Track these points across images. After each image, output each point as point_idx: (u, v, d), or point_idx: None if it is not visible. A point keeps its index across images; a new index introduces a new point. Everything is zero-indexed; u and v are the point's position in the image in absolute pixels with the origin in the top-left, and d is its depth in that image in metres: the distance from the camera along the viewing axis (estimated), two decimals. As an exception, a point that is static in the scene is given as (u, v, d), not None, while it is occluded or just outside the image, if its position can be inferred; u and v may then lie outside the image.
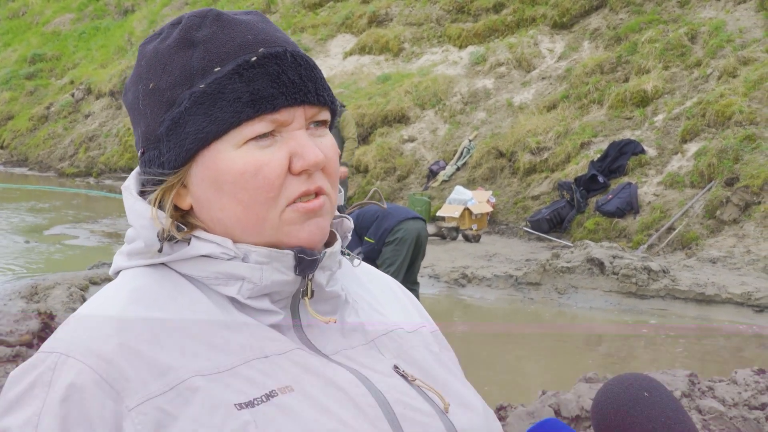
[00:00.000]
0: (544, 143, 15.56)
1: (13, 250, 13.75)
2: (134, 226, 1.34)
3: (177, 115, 1.28)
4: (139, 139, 1.35)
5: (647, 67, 15.78)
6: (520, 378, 7.79)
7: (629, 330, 9.17)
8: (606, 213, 13.36)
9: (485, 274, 11.13)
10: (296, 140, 1.29)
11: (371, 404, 1.27)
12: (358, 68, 21.09)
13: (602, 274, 10.30)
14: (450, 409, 1.36)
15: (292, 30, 23.83)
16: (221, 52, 1.29)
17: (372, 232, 9.09)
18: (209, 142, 1.28)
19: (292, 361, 1.28)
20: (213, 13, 1.34)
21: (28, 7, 37.31)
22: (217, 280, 1.31)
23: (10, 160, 27.38)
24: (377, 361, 1.37)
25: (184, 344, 1.24)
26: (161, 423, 1.17)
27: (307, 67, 1.33)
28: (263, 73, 1.28)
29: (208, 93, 1.27)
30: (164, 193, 1.32)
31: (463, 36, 20.05)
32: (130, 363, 1.20)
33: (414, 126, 18.27)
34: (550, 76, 17.65)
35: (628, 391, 1.45)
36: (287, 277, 1.30)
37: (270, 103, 1.27)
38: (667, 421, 1.42)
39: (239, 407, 1.19)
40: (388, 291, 1.56)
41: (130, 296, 1.29)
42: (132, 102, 1.36)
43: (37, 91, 29.98)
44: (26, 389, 1.20)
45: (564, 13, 18.63)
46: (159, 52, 1.33)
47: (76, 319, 1.28)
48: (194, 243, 1.31)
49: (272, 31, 1.34)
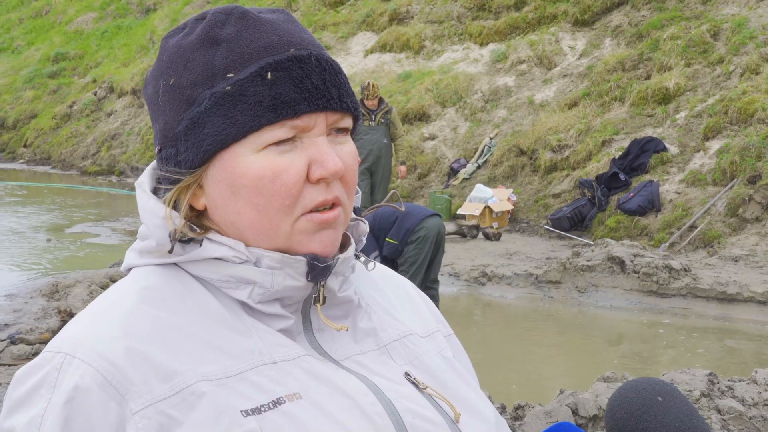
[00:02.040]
0: (565, 141, 15.49)
1: (34, 248, 13.82)
2: (146, 225, 1.32)
3: (196, 114, 1.26)
4: (157, 135, 1.33)
5: (669, 64, 15.68)
6: (540, 376, 7.75)
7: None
8: (627, 211, 13.29)
9: (505, 272, 11.10)
10: (316, 147, 1.27)
11: (380, 413, 1.25)
12: (379, 66, 21.06)
13: (623, 273, 10.24)
14: (461, 418, 1.34)
15: (313, 28, 23.84)
16: (245, 52, 1.26)
17: (393, 233, 9.11)
18: (228, 145, 1.25)
19: (301, 368, 1.26)
20: (238, 10, 1.31)
21: (51, 6, 37.53)
22: (228, 284, 1.29)
23: (33, 158, 27.53)
24: (388, 367, 1.35)
25: (192, 347, 1.23)
26: (165, 427, 1.16)
27: (331, 72, 1.30)
28: (286, 77, 1.26)
29: (229, 94, 1.25)
30: (180, 192, 1.30)
31: (484, 33, 20.00)
32: (136, 366, 1.18)
33: (435, 124, 18.23)
34: (571, 74, 17.57)
35: (641, 396, 1.44)
36: (299, 283, 1.29)
37: (292, 108, 1.25)
38: (681, 426, 1.41)
39: (245, 414, 1.18)
40: (403, 294, 1.54)
41: (139, 296, 1.27)
42: (151, 96, 1.34)
43: (60, 90, 30.15)
44: (32, 389, 1.20)
45: (585, 10, 18.55)
46: (181, 48, 1.30)
47: (84, 318, 1.27)
48: (206, 245, 1.29)
49: (298, 33, 1.32)
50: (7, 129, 29.89)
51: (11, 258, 12.95)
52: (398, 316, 1.46)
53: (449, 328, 1.58)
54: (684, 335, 8.98)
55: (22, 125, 29.36)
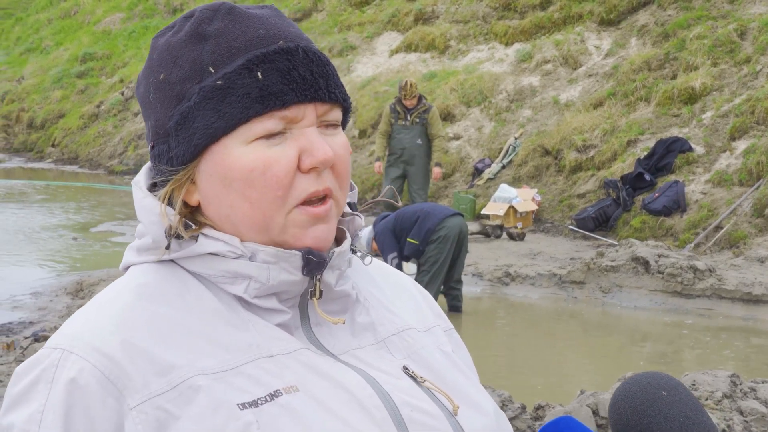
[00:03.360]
0: (590, 141, 15.43)
1: (61, 246, 13.93)
2: (143, 222, 1.32)
3: (186, 109, 1.27)
4: (150, 133, 1.34)
5: (695, 63, 15.58)
6: (563, 377, 7.73)
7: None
8: (652, 211, 13.21)
9: (529, 272, 11.07)
10: (306, 137, 1.28)
11: (377, 406, 1.26)
12: (404, 66, 21.05)
13: (647, 273, 10.19)
14: (459, 411, 1.34)
15: (338, 28, 23.87)
16: (232, 46, 1.27)
17: (415, 233, 9.13)
18: (218, 138, 1.26)
19: (298, 361, 1.27)
20: (226, 6, 1.32)
21: (79, 7, 37.78)
22: (224, 279, 1.30)
23: (61, 157, 27.72)
24: (386, 361, 1.35)
25: (189, 342, 1.23)
26: (163, 422, 1.17)
27: (319, 64, 1.31)
28: (273, 68, 1.26)
29: (217, 88, 1.25)
30: (173, 189, 1.30)
31: (510, 33, 19.95)
32: (133, 361, 1.19)
33: (459, 124, 18.21)
34: (596, 74, 17.50)
35: (645, 391, 1.43)
36: (295, 278, 1.29)
37: (279, 99, 1.25)
38: (685, 422, 1.39)
39: (242, 407, 1.19)
40: (402, 289, 1.54)
41: (136, 292, 1.28)
42: (143, 95, 1.35)
43: (88, 90, 30.32)
44: (30, 385, 1.21)
45: (611, 10, 18.46)
46: (171, 45, 1.31)
47: (82, 315, 1.28)
48: (201, 240, 1.29)
49: (285, 26, 1.32)
50: (36, 128, 30.12)
51: (37, 256, 13.06)
52: (396, 310, 1.46)
53: (449, 323, 1.58)
54: (709, 336, 8.93)
55: (50, 125, 29.56)
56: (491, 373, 7.37)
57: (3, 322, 8.91)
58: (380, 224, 9.50)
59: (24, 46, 38.38)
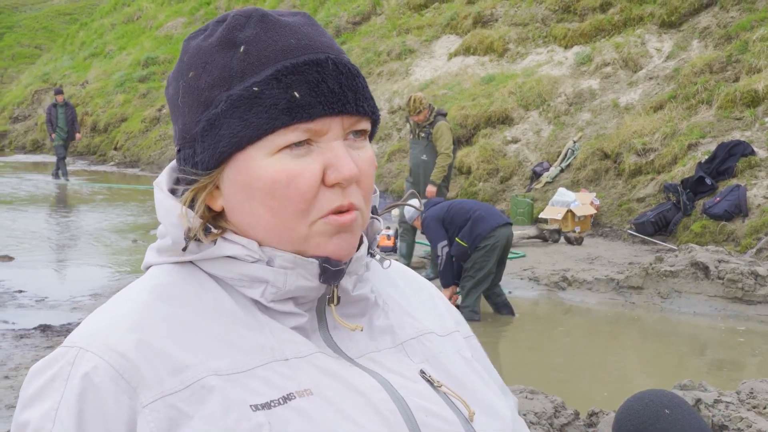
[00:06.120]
0: (650, 144, 15.27)
1: (121, 248, 14.14)
2: (163, 223, 1.34)
3: (213, 116, 1.27)
4: (177, 136, 1.35)
5: (759, 66, 15.34)
6: (620, 383, 7.65)
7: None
8: (713, 216, 13.03)
9: (586, 277, 10.97)
10: (332, 151, 1.27)
11: (391, 410, 1.25)
12: (463, 69, 21.03)
13: (707, 279, 10.04)
14: (475, 417, 1.33)
15: (397, 31, 23.92)
16: (262, 55, 1.27)
17: (465, 234, 9.17)
18: (243, 147, 1.26)
19: (313, 365, 1.27)
20: (258, 13, 1.32)
21: (142, 12, 38.37)
22: (241, 282, 1.30)
23: (123, 161, 28.16)
24: (404, 365, 1.35)
25: (204, 342, 1.24)
26: (175, 421, 1.18)
27: (348, 76, 1.30)
28: (302, 80, 1.26)
29: (245, 97, 1.25)
30: (196, 193, 1.31)
31: (569, 36, 19.84)
32: (147, 359, 1.20)
33: (518, 127, 18.15)
34: (657, 76, 17.31)
35: (648, 408, 1.43)
36: (311, 284, 1.29)
37: (306, 111, 1.25)
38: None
39: (254, 408, 1.19)
40: (422, 294, 1.53)
41: (153, 292, 1.30)
42: (172, 97, 1.36)
43: (150, 94, 30.78)
44: (46, 383, 1.22)
45: (672, 12, 18.27)
46: (201, 50, 1.31)
47: (99, 314, 1.30)
48: (220, 243, 1.30)
49: (317, 36, 1.32)
50: (99, 132, 30.65)
51: (98, 258, 13.28)
52: (416, 314, 1.46)
53: (469, 330, 1.57)
54: (770, 343, 8.78)
55: (113, 128, 30.06)
56: (546, 379, 7.32)
57: (63, 322, 9.06)
58: (431, 210, 9.51)
59: (88, 51, 39.11)
